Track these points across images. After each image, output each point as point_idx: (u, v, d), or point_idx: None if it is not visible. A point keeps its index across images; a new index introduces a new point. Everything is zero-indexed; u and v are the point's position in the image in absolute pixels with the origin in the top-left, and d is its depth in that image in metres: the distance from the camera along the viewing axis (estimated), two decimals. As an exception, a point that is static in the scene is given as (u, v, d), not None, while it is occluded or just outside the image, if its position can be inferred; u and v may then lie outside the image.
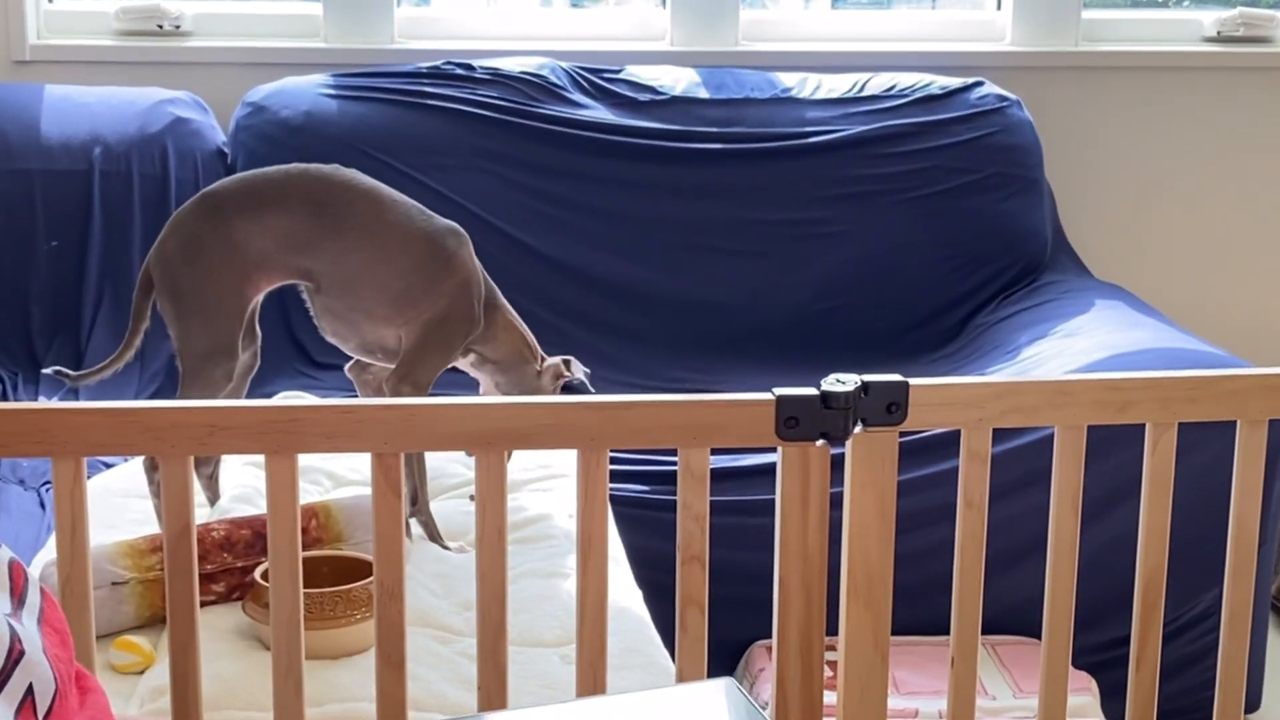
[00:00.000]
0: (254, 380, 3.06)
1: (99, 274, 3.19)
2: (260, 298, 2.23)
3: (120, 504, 2.30)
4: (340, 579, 1.93)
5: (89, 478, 1.70)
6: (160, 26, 3.52)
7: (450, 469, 2.44)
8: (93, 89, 3.34)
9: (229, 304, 2.16)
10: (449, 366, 2.29)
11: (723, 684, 1.04)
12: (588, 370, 2.38)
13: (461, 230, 2.28)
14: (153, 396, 3.05)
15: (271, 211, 2.17)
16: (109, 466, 2.55)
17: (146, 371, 3.12)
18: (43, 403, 2.72)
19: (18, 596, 1.03)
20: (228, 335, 2.16)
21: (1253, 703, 2.79)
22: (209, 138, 3.30)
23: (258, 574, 1.92)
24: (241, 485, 2.32)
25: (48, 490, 2.62)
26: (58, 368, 2.28)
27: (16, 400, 2.97)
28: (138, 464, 2.45)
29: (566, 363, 2.37)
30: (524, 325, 2.36)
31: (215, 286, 2.16)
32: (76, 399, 2.99)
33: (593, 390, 2.32)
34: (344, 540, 2.07)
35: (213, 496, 2.28)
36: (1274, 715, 2.83)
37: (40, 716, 1.00)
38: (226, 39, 3.56)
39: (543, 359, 2.35)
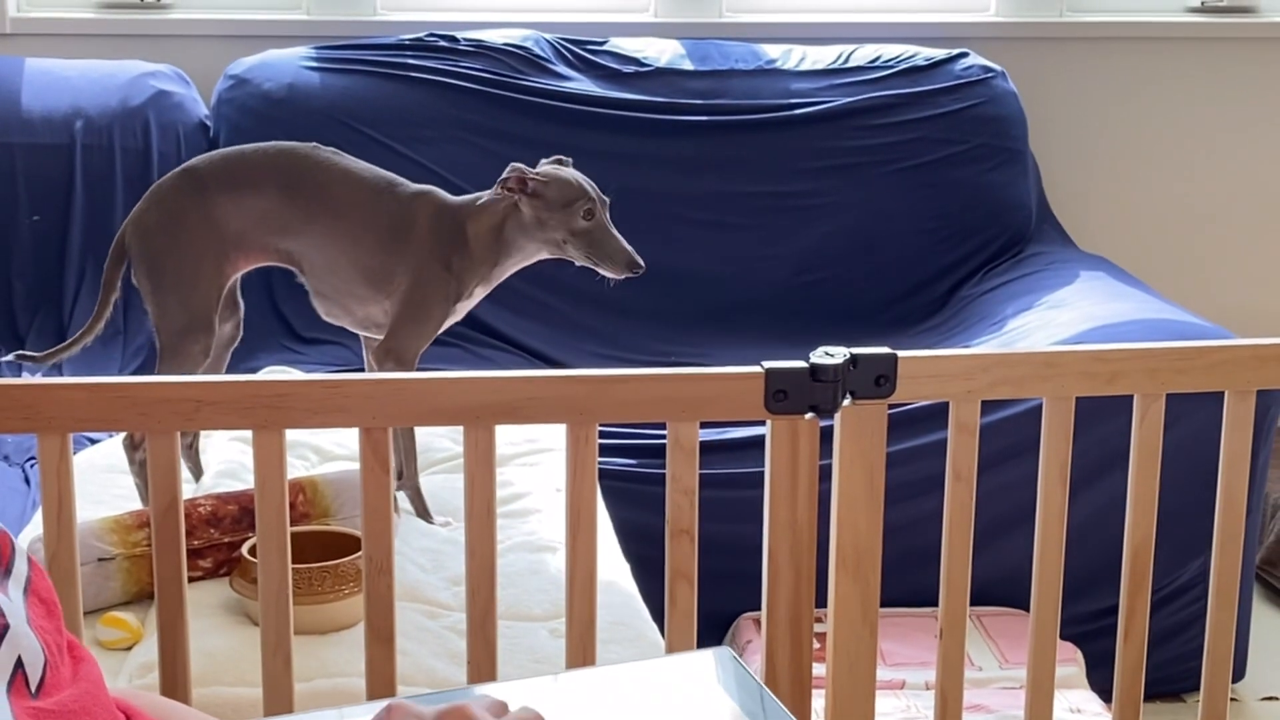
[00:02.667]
0: (239, 356, 3.03)
1: (81, 248, 3.17)
2: (239, 274, 2.22)
3: (105, 479, 2.29)
4: (328, 554, 1.92)
5: (74, 453, 1.70)
6: (141, -1, 3.50)
7: (438, 444, 2.43)
8: (74, 62, 3.32)
9: (207, 281, 2.15)
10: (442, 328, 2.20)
11: (718, 653, 1.04)
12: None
13: (429, 191, 2.19)
14: (137, 372, 3.04)
15: (249, 191, 2.16)
16: (94, 442, 2.54)
17: (130, 346, 3.11)
18: (27, 378, 2.71)
19: (4, 566, 1.03)
20: (205, 311, 2.15)
21: (1237, 672, 2.80)
22: (191, 111, 3.29)
23: (245, 549, 1.91)
24: (227, 461, 2.31)
25: (32, 466, 2.61)
26: (20, 352, 2.26)
27: (0, 376, 2.96)
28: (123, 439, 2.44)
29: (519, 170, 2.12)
30: (478, 199, 2.17)
31: (194, 263, 2.14)
32: (60, 374, 2.97)
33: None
34: (331, 515, 2.06)
35: (194, 469, 2.28)
36: (1258, 685, 2.84)
37: (33, 689, 0.99)
38: (208, 11, 3.54)
39: (506, 195, 2.12)
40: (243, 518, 1.97)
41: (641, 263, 2.14)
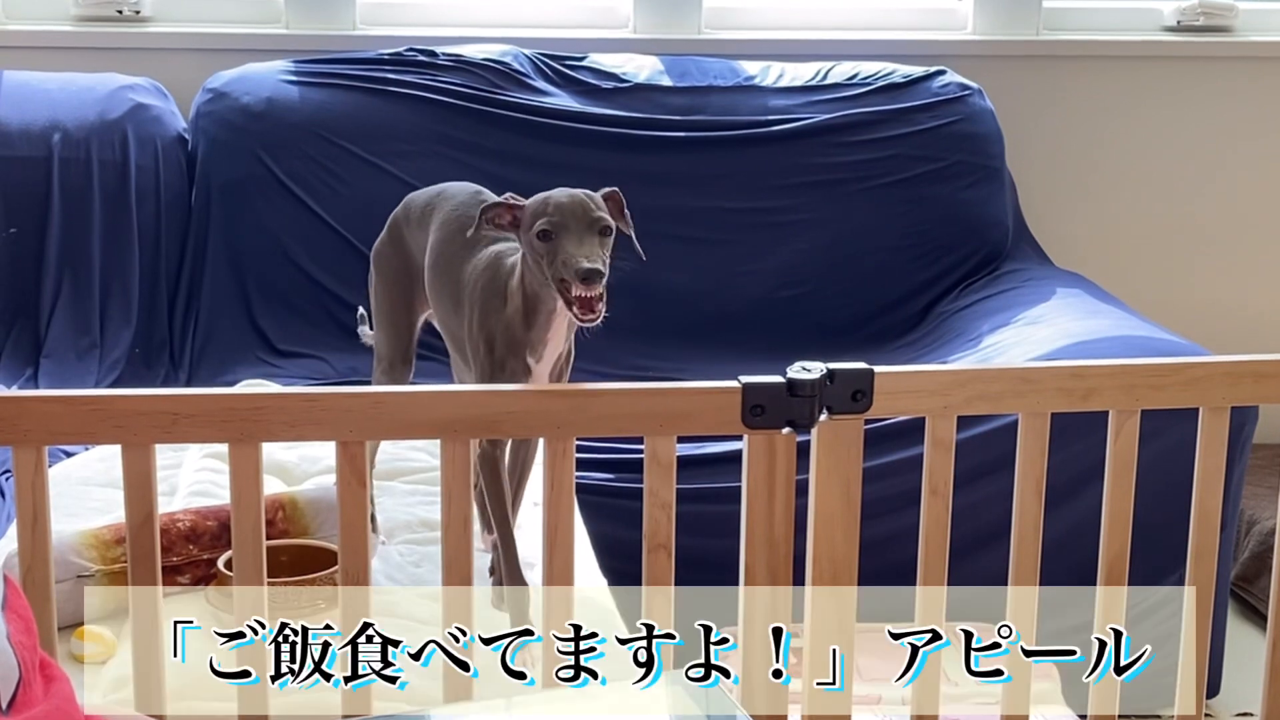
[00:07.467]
0: (215, 368, 3.02)
1: (58, 261, 3.16)
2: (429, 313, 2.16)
3: (81, 492, 2.28)
4: (304, 568, 1.92)
5: (49, 466, 1.69)
6: (120, 12, 3.49)
7: (413, 456, 2.43)
8: (52, 75, 3.31)
9: (400, 318, 2.14)
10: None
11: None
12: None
13: (497, 253, 1.97)
14: (113, 384, 3.02)
15: (420, 230, 2.11)
16: (69, 455, 2.53)
17: (106, 360, 3.10)
18: (2, 391, 2.70)
19: (-20, 582, 1.02)
20: (400, 347, 2.14)
21: (1212, 688, 2.81)
22: (169, 124, 3.28)
23: (221, 563, 1.91)
24: (199, 480, 2.30)
25: (7, 479, 2.60)
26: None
27: None
28: (98, 452, 2.43)
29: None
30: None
31: (388, 299, 2.15)
32: (36, 387, 2.96)
33: None
34: (310, 534, 2.06)
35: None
36: (1233, 701, 2.85)
37: (4, 705, 0.99)
38: (187, 24, 3.53)
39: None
40: (222, 534, 1.97)
41: (598, 269, 1.80)
